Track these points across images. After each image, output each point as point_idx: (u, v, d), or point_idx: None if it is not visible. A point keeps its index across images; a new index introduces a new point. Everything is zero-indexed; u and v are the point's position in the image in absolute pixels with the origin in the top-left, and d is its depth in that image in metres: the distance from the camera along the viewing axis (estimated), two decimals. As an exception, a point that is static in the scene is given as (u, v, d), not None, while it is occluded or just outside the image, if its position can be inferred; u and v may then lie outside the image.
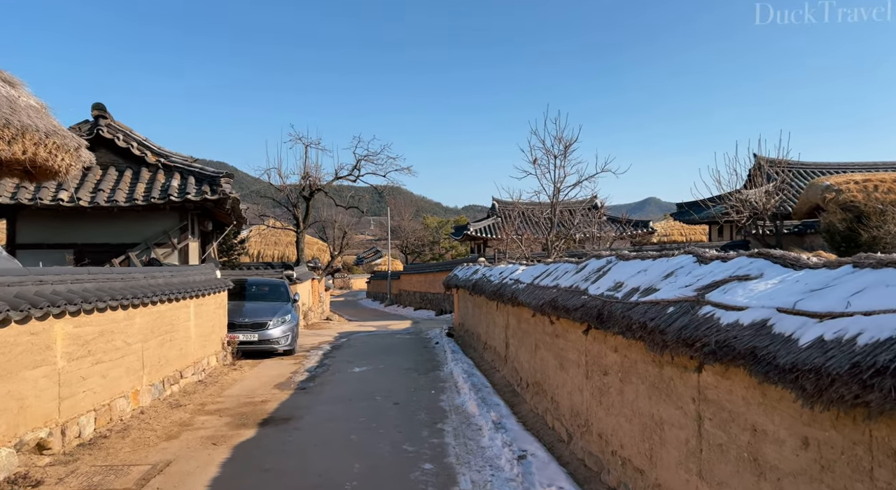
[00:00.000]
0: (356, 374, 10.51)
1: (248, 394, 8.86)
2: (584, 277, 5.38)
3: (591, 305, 4.51)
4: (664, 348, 3.25)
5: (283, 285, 14.41)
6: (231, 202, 12.52)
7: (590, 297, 4.69)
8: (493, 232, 33.56)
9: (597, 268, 5.32)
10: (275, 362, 11.92)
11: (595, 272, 5.26)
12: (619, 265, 4.94)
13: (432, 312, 28.93)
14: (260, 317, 12.37)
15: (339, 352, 13.60)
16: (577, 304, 4.88)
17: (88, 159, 5.49)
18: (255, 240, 32.03)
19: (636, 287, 4.09)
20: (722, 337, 2.60)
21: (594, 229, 19.99)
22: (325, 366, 11.48)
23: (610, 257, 5.38)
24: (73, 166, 5.21)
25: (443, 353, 13.03)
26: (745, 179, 20.10)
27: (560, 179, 12.08)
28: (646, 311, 3.52)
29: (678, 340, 2.99)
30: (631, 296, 3.99)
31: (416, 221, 58.23)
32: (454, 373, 10.20)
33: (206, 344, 10.42)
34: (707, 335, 2.76)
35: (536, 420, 6.86)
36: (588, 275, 5.34)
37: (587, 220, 20.53)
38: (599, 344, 4.97)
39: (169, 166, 12.78)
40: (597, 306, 4.37)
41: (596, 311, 4.34)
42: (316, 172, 22.83)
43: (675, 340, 3.03)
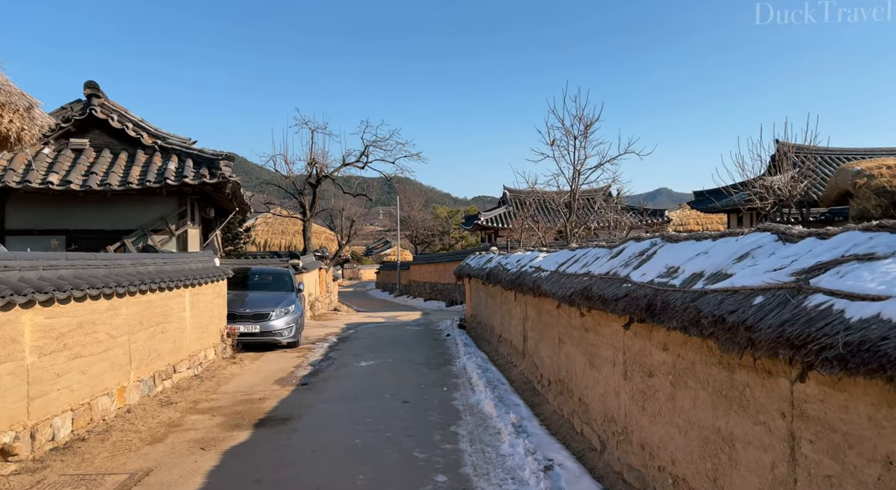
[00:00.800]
0: (363, 369, 9.85)
1: (245, 390, 8.22)
2: (622, 262, 4.65)
3: (638, 295, 3.78)
4: (749, 348, 2.52)
5: (288, 274, 13.76)
6: (231, 186, 11.86)
7: (635, 285, 3.96)
8: (505, 221, 32.81)
9: (638, 251, 4.59)
10: (277, 355, 11.28)
11: (637, 256, 4.52)
12: (668, 248, 4.21)
13: (443, 303, 28.27)
14: (262, 307, 11.73)
15: (346, 344, 12.95)
16: (617, 293, 4.16)
17: (46, 124, 4.82)
18: (262, 228, 31.44)
19: (698, 272, 3.36)
20: (857, 337, 1.88)
21: (611, 217, 19.22)
22: (330, 359, 10.83)
23: (654, 239, 4.64)
24: (27, 132, 4.53)
25: (454, 346, 12.35)
26: (766, 166, 19.30)
27: (580, 161, 11.33)
28: (720, 301, 2.80)
29: (777, 340, 2.26)
30: (693, 283, 3.26)
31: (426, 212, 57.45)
32: (467, 368, 9.52)
33: (204, 336, 9.79)
34: (826, 334, 2.03)
35: (562, 423, 6.16)
36: (628, 259, 4.61)
37: (604, 209, 19.73)
38: (643, 340, 4.25)
39: (166, 149, 12.13)
40: (646, 296, 3.64)
41: (645, 301, 3.61)
42: (323, 159, 22.14)
43: (770, 339, 2.31)
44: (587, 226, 17.71)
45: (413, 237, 53.12)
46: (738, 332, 2.59)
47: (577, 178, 11.48)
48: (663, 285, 3.58)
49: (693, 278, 3.35)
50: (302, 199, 22.22)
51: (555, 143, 11.83)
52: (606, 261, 5.11)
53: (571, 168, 11.50)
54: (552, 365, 7.00)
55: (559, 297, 5.71)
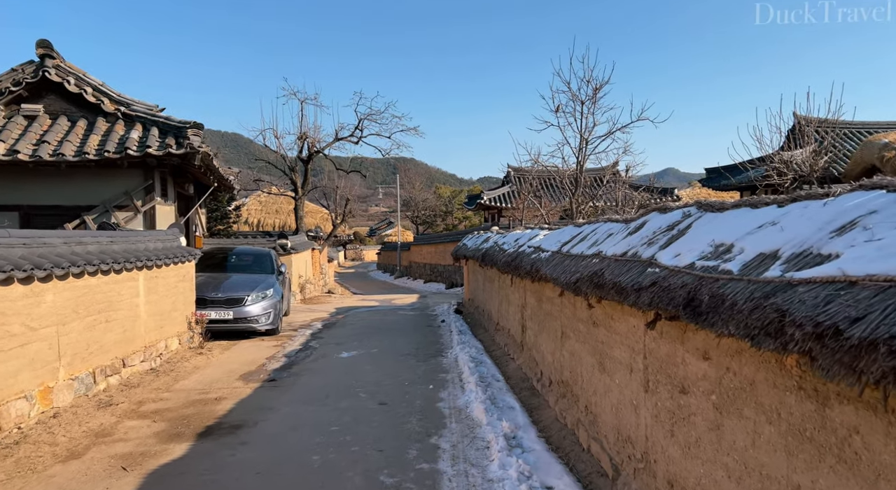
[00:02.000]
0: (342, 361, 8.81)
1: (203, 387, 7.19)
2: (644, 240, 3.54)
3: (671, 284, 2.68)
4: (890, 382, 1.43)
5: (269, 256, 12.70)
6: (201, 158, 10.74)
7: (665, 270, 2.86)
8: (508, 201, 31.63)
9: (666, 225, 3.47)
10: (252, 344, 10.26)
11: (664, 232, 3.41)
12: (710, 218, 3.09)
13: (442, 285, 27.24)
14: (236, 291, 10.68)
15: (331, 331, 11.93)
16: (639, 281, 3.06)
17: None
18: (255, 208, 30.37)
19: (769, 252, 2.25)
20: None
21: (620, 194, 18.06)
22: (309, 349, 9.80)
23: (685, 208, 3.52)
24: None
25: (448, 333, 11.31)
26: (782, 141, 18.16)
27: (588, 129, 10.16)
28: (825, 299, 1.69)
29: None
30: (763, 268, 2.16)
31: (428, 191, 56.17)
32: (459, 360, 8.47)
33: (165, 324, 8.76)
34: None
35: (564, 435, 5.10)
36: (652, 236, 3.50)
37: (612, 186, 18.65)
38: (672, 343, 3.16)
39: (130, 116, 10.99)
40: (684, 286, 2.54)
41: (683, 293, 2.52)
42: (315, 133, 20.95)
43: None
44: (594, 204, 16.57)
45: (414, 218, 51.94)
46: (867, 355, 1.49)
47: (585, 147, 10.32)
48: (710, 270, 2.47)
49: (760, 261, 2.24)
50: (293, 176, 21.08)
51: (560, 109, 10.66)
52: (622, 238, 4.00)
53: (578, 137, 10.33)
54: (553, 362, 5.93)
55: (562, 283, 4.61)
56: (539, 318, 6.66)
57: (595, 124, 10.22)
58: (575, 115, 10.16)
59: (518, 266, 6.55)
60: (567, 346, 5.41)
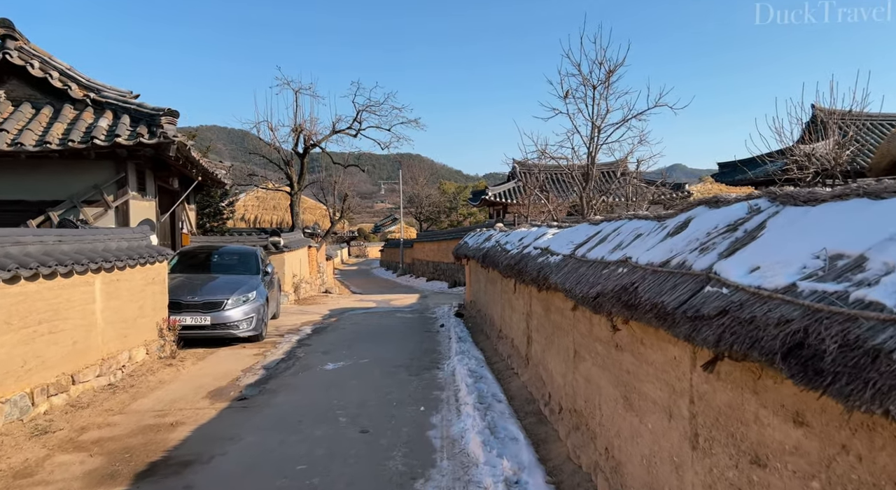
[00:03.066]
0: (326, 375, 7.89)
1: (163, 407, 6.29)
2: (693, 244, 2.59)
3: (759, 317, 1.74)
4: None
5: (254, 255, 11.79)
6: (176, 148, 9.83)
7: (744, 292, 1.92)
8: (513, 196, 30.69)
9: (725, 224, 2.52)
10: (231, 353, 9.36)
11: (723, 233, 2.46)
12: (794, 216, 2.14)
13: (445, 284, 26.32)
14: (215, 294, 9.78)
15: (320, 337, 11.02)
16: (696, 305, 2.11)
17: None
18: (252, 204, 29.48)
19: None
20: None
21: (630, 189, 17.06)
22: (292, 359, 8.90)
23: (752, 201, 2.56)
24: None
25: (447, 340, 10.38)
26: (800, 134, 17.19)
27: (600, 116, 9.19)
28: None
29: None
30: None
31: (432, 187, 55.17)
32: (457, 375, 7.54)
33: (129, 332, 7.86)
34: None
35: (578, 481, 4.16)
36: (705, 239, 2.55)
37: (621, 182, 17.76)
38: (738, 391, 2.23)
39: (100, 103, 10.10)
40: (789, 323, 1.60)
41: (786, 334, 1.57)
42: (311, 126, 20.00)
43: None
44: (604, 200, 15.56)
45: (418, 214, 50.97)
46: None
47: (597, 136, 9.34)
48: (833, 300, 1.52)
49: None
50: (288, 170, 20.17)
51: (569, 95, 9.68)
52: (658, 240, 3.05)
53: (589, 124, 9.36)
54: (564, 386, 4.99)
55: (577, 296, 3.67)
56: (546, 331, 5.72)
57: (608, 111, 9.26)
58: (586, 100, 9.21)
59: (522, 271, 5.60)
60: (581, 369, 4.47)
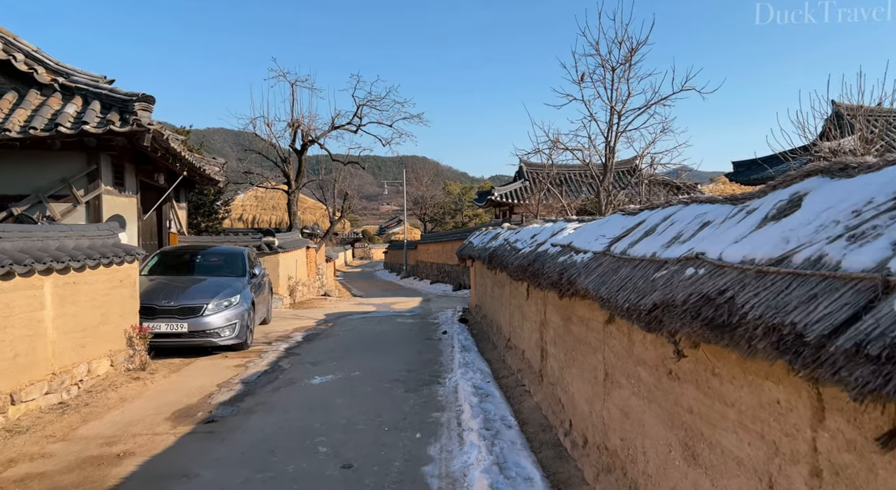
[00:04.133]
0: (312, 391, 6.96)
1: (115, 432, 5.37)
2: (831, 230, 1.64)
3: None
4: None
5: (241, 256, 10.87)
6: (152, 138, 8.94)
7: None
8: (520, 197, 29.76)
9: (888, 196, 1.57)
10: (210, 363, 8.45)
11: (887, 211, 1.51)
12: None
13: (449, 287, 25.38)
14: (194, 298, 8.86)
15: (312, 345, 10.09)
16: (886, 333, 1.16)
17: None
18: (251, 203, 28.62)
19: None
20: None
21: (643, 188, 16.13)
22: (276, 371, 7.97)
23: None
24: None
25: (449, 349, 9.44)
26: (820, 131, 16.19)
27: (621, 100, 8.24)
28: None
29: None
30: None
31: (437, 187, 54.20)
32: (460, 391, 6.60)
33: (89, 342, 6.96)
34: None
35: (615, 547, 3.20)
36: (849, 222, 1.60)
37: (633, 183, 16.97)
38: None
39: (69, 88, 9.21)
40: None
41: None
42: (310, 122, 19.12)
43: None
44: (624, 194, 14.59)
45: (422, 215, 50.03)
46: None
47: (618, 123, 8.39)
48: None
49: None
50: (285, 167, 19.27)
51: (584, 78, 8.75)
52: (749, 228, 2.10)
53: (608, 110, 8.41)
54: (591, 414, 4.04)
55: (618, 307, 2.71)
56: (566, 345, 4.78)
57: (629, 94, 8.32)
58: (605, 82, 8.27)
59: (538, 272, 4.65)
60: (616, 397, 3.52)
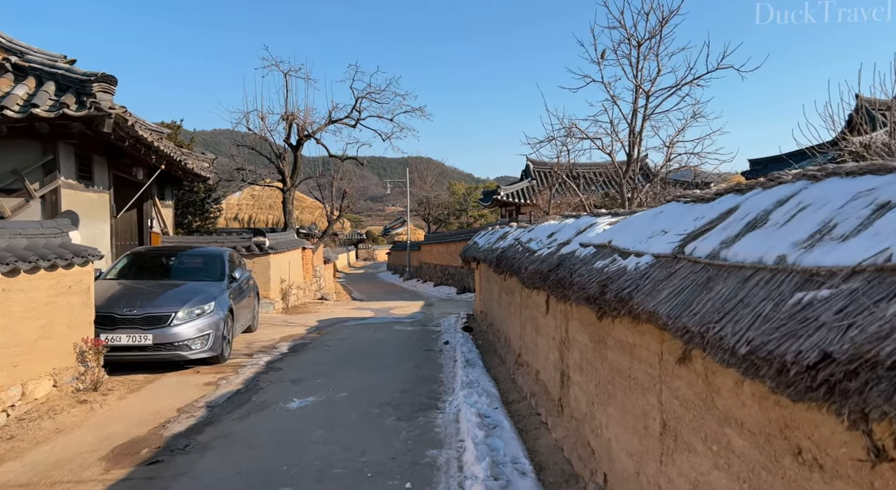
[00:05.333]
0: (286, 418, 5.87)
1: (27, 481, 4.30)
2: None
3: None
4: None
5: (220, 257, 9.80)
6: (113, 124, 7.87)
7: None
8: (528, 196, 28.67)
9: None
10: (177, 381, 7.37)
11: None
12: None
13: (453, 290, 24.27)
14: (161, 306, 7.79)
15: (297, 358, 9.00)
16: None
17: None
18: (247, 202, 27.58)
19: None
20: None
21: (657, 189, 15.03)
22: (251, 391, 6.89)
23: None
24: None
25: (451, 363, 8.34)
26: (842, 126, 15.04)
27: (650, 78, 7.13)
28: None
29: None
30: None
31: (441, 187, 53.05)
32: (462, 420, 5.50)
33: (24, 360, 5.89)
34: None
35: None
36: None
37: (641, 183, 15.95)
38: None
39: (22, 67, 8.16)
40: None
41: None
42: (306, 115, 18.05)
43: None
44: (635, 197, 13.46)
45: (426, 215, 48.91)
46: None
47: (644, 105, 7.26)
48: None
49: None
50: (280, 163, 18.21)
51: (605, 56, 7.63)
52: None
53: (634, 88, 7.28)
54: (639, 477, 2.92)
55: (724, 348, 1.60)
56: (598, 375, 3.67)
57: (659, 71, 7.19)
58: (630, 58, 7.15)
59: (563, 282, 3.53)
60: (683, 464, 2.41)
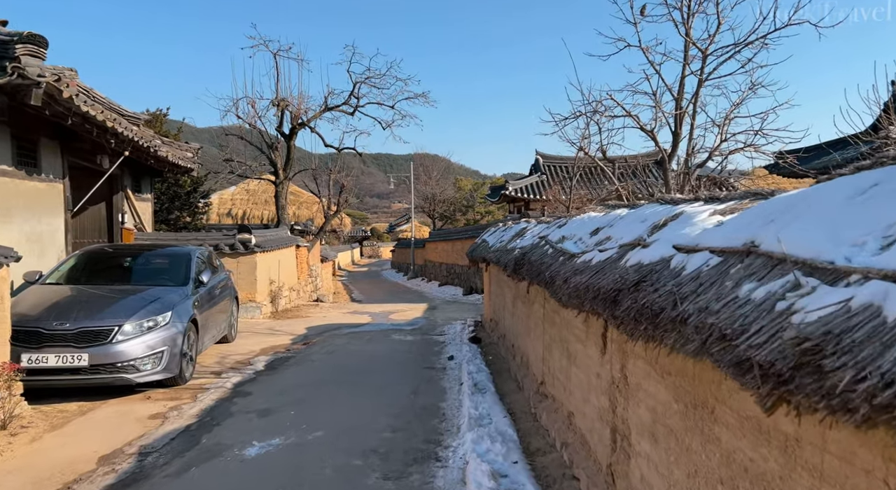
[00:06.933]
0: (238, 475, 4.44)
1: None
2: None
3: None
4: None
5: (187, 258, 8.37)
6: (43, 94, 6.46)
7: None
8: (537, 192, 27.23)
9: None
10: (116, 412, 5.96)
11: None
12: None
13: (459, 290, 22.83)
14: (101, 318, 6.38)
15: (273, 378, 7.58)
16: None
17: None
18: (241, 197, 26.22)
19: None
20: None
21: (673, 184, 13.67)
22: (203, 428, 5.47)
23: None
24: None
25: (456, 386, 6.90)
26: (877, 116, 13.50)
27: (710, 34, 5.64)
28: None
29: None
30: None
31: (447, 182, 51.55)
32: (470, 480, 4.05)
33: None
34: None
35: None
36: None
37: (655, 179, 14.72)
38: None
39: (-65, 29, 6.76)
40: None
41: None
42: (299, 103, 16.63)
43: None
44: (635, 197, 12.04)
45: (431, 211, 47.44)
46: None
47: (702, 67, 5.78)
48: None
49: None
50: (272, 154, 16.81)
51: (645, 12, 6.17)
52: None
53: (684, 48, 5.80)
54: None
55: None
56: (694, 460, 2.21)
57: (719, 24, 5.68)
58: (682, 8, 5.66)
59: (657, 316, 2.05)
60: None
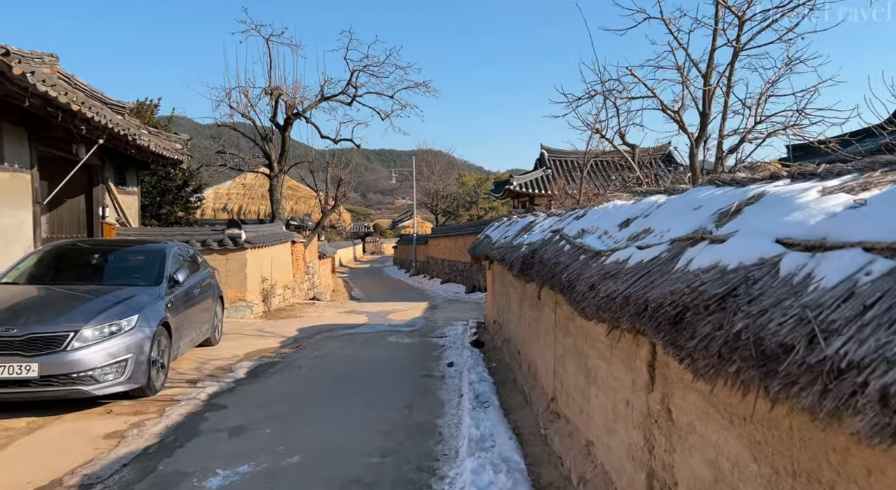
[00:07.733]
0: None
1: None
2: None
3: None
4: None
5: (160, 255, 7.65)
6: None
7: None
8: (542, 186, 26.55)
9: None
10: (69, 430, 5.25)
11: None
12: None
13: (462, 288, 22.10)
14: (55, 323, 5.66)
15: (253, 387, 6.86)
16: None
17: None
18: (237, 192, 25.52)
19: None
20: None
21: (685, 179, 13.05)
22: (163, 451, 4.75)
23: None
24: None
25: (456, 399, 6.17)
26: None
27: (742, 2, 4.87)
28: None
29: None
30: None
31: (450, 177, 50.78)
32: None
33: None
34: None
35: None
36: None
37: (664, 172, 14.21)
38: None
39: None
40: None
41: None
42: (294, 92, 15.90)
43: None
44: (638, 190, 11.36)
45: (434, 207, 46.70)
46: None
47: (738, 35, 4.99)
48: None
49: None
50: (266, 146, 16.09)
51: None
52: None
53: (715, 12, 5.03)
54: None
55: None
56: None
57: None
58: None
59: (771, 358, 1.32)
60: None
